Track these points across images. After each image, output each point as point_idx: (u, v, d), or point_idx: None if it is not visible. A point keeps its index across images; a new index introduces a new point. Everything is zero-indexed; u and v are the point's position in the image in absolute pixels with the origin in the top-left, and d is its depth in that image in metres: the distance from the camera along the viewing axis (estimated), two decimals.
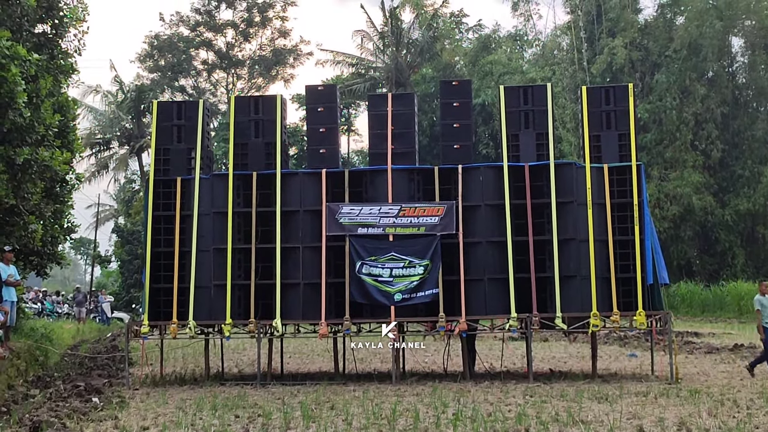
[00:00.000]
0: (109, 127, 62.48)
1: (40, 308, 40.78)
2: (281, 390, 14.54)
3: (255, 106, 16.80)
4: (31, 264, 20.78)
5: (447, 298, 15.43)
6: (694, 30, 49.38)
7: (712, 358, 19.82)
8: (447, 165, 16.15)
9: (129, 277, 48.65)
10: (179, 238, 16.06)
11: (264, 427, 10.28)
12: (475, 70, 56.66)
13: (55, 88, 18.87)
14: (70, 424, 10.68)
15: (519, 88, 16.82)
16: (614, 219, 15.55)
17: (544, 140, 16.06)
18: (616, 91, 16.44)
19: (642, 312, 15.02)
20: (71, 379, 16.12)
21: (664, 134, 49.71)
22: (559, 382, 15.00)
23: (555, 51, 60.07)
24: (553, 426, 9.97)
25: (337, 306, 15.70)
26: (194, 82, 69.33)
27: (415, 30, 61.89)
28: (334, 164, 16.47)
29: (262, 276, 15.84)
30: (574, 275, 15.40)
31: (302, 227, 15.97)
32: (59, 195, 19.80)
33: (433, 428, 9.99)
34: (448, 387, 14.33)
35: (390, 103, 16.64)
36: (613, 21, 54.81)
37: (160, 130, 16.74)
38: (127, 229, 51.39)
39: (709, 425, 9.95)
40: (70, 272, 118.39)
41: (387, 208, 15.72)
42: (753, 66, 51.89)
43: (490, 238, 15.65)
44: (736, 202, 48.57)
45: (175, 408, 12.27)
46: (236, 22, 67.39)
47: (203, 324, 15.95)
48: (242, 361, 20.62)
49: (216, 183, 16.34)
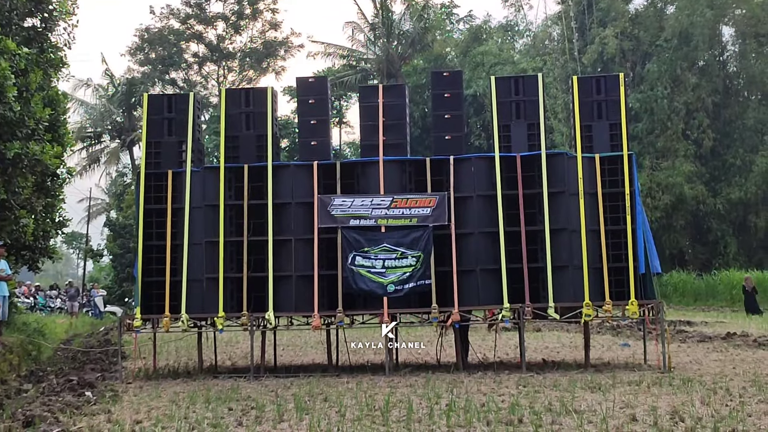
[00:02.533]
0: (100, 121, 62.43)
1: (32, 303, 40.77)
2: (274, 382, 14.52)
3: (246, 98, 16.73)
4: (23, 258, 20.76)
5: (440, 289, 15.42)
6: (685, 19, 49.47)
7: (704, 346, 19.87)
8: (439, 156, 16.12)
9: (121, 271, 48.66)
10: (171, 231, 16.01)
11: (257, 420, 10.27)
12: (466, 60, 56.72)
13: (45, 82, 18.83)
14: (63, 418, 10.65)
15: (510, 78, 16.79)
16: (606, 209, 15.54)
17: (535, 130, 16.04)
18: (607, 80, 16.42)
19: (634, 301, 15.03)
20: (64, 374, 16.08)
21: (655, 124, 49.83)
22: (552, 372, 15.01)
23: (546, 41, 60.18)
24: (546, 415, 9.97)
25: (329, 298, 15.68)
26: (185, 75, 69.17)
27: (405, 21, 61.89)
28: (326, 156, 16.44)
29: (254, 269, 15.81)
30: (566, 265, 15.39)
31: (294, 219, 15.93)
32: (50, 189, 19.77)
33: (426, 419, 9.98)
34: (442, 378, 14.32)
35: (381, 95, 16.60)
36: (603, 11, 54.91)
37: (151, 123, 16.67)
38: (118, 222, 51.37)
39: (702, 413, 9.97)
40: (63, 266, 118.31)
41: (379, 200, 15.70)
42: (744, 55, 52.05)
43: (482, 229, 15.63)
44: (728, 191, 48.75)
45: (169, 401, 12.25)
46: (227, 14, 67.23)
47: (196, 317, 15.91)
48: (235, 354, 20.60)
49: (207, 176, 16.29)
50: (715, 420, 9.40)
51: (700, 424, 9.25)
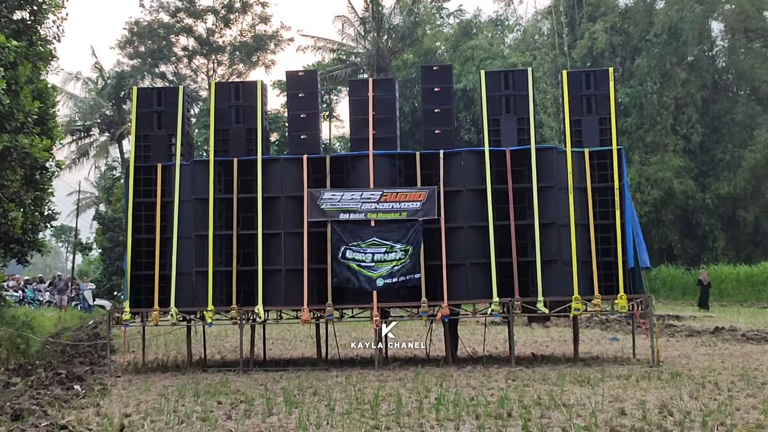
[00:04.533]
0: (90, 114, 62.16)
1: (21, 296, 40.65)
2: (264, 376, 14.54)
3: (236, 92, 16.71)
4: (11, 252, 20.66)
5: (429, 283, 15.45)
6: (675, 14, 49.55)
7: (693, 341, 19.96)
8: (428, 150, 16.13)
9: (110, 265, 48.47)
10: (160, 224, 15.99)
11: (247, 413, 10.28)
12: (456, 55, 56.64)
13: (35, 75, 18.71)
14: (52, 411, 10.64)
15: (500, 73, 16.81)
16: (595, 203, 15.58)
17: (525, 125, 16.06)
18: (597, 75, 16.44)
19: (623, 296, 15.07)
20: (53, 367, 16.04)
21: (644, 118, 49.94)
22: (541, 366, 15.06)
23: (536, 36, 60.26)
24: (535, 409, 10.01)
25: (319, 292, 15.69)
26: (175, 69, 68.88)
27: (396, 15, 61.74)
28: (316, 150, 16.43)
29: (243, 262, 15.80)
30: (555, 259, 15.43)
31: (284, 213, 15.91)
32: (39, 182, 19.66)
33: (415, 413, 10.01)
34: (431, 372, 14.36)
35: (371, 89, 16.59)
36: (593, 6, 54.99)
37: (140, 117, 16.63)
38: (108, 216, 51.18)
39: (691, 407, 10.02)
40: (52, 260, 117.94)
41: (369, 194, 15.70)
42: (733, 50, 52.17)
43: (472, 223, 15.65)
44: (717, 186, 48.88)
45: (158, 395, 12.25)
46: (216, 8, 66.96)
47: (185, 311, 15.88)
48: (224, 348, 20.61)
49: (197, 169, 16.26)
50: (704, 414, 9.44)
51: (688, 417, 9.29)
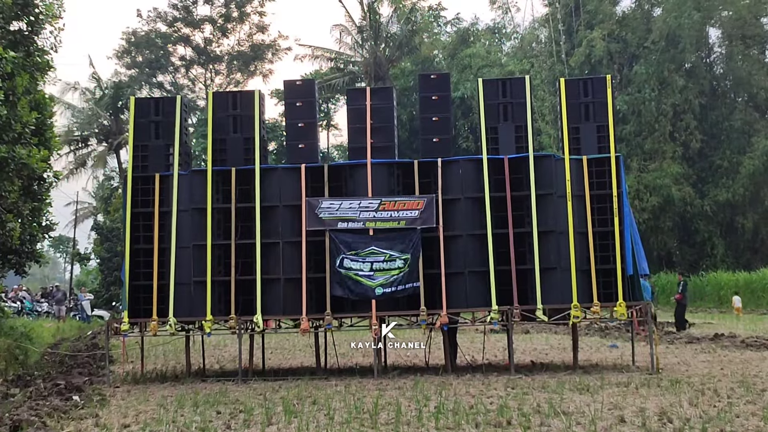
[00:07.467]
0: (87, 124, 62.21)
1: (19, 307, 40.58)
2: (263, 386, 14.50)
3: (233, 101, 16.70)
4: (9, 263, 20.65)
5: (428, 292, 15.42)
6: (672, 21, 49.66)
7: (692, 348, 19.94)
8: (426, 158, 16.11)
9: (109, 275, 48.47)
10: (158, 234, 15.97)
11: (246, 423, 10.25)
12: (453, 63, 56.81)
13: (32, 86, 18.75)
14: (51, 422, 10.61)
15: (497, 80, 16.81)
16: (594, 210, 15.57)
17: (523, 133, 16.05)
18: (595, 82, 16.44)
19: (622, 303, 15.06)
20: (51, 378, 16.01)
21: (642, 125, 50.02)
22: (541, 374, 15.03)
23: (533, 44, 60.33)
24: (534, 417, 9.98)
25: (317, 301, 15.65)
26: (172, 78, 69.04)
27: (393, 24, 61.95)
28: (314, 159, 16.41)
29: (242, 272, 15.77)
30: (554, 267, 15.41)
31: (282, 222, 15.90)
32: (37, 193, 19.69)
33: (415, 421, 9.98)
34: (430, 380, 14.33)
35: (369, 98, 16.59)
36: (591, 13, 55.08)
37: (138, 127, 16.61)
38: (106, 226, 51.23)
39: (690, 415, 9.99)
40: (50, 270, 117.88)
41: (367, 203, 15.69)
42: (730, 56, 52.27)
43: (471, 231, 15.64)
44: (715, 193, 48.93)
45: (156, 405, 12.21)
46: (214, 17, 67.17)
47: (184, 321, 15.86)
48: (223, 358, 20.57)
49: (195, 179, 16.24)
50: (703, 421, 9.42)
51: (688, 425, 9.27)
